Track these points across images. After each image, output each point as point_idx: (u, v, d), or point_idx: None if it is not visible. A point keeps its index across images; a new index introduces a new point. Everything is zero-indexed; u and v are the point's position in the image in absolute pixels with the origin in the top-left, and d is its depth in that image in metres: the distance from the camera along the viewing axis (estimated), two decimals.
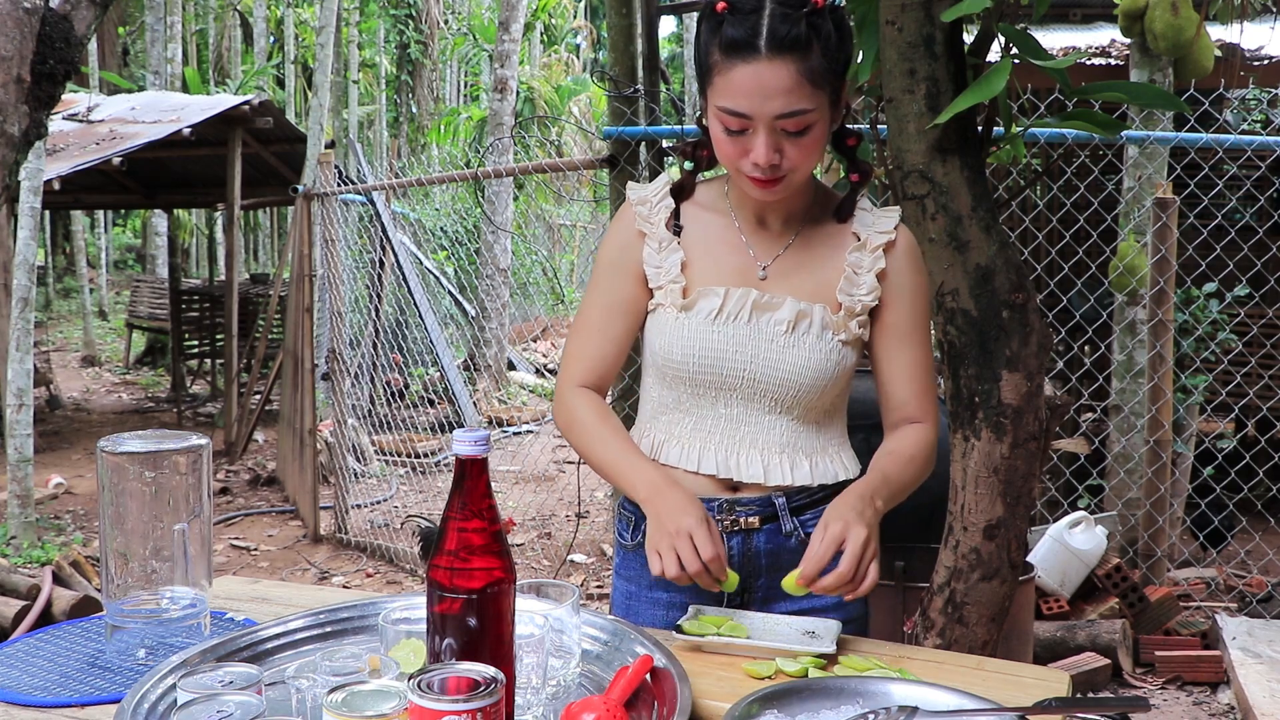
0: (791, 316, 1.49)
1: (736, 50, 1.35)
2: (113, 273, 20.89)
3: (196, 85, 16.35)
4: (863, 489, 1.43)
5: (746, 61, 1.35)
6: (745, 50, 1.34)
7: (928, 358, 1.56)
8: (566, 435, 1.58)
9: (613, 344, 1.57)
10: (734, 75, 1.36)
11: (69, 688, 1.22)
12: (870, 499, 1.42)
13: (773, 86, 1.35)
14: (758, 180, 1.42)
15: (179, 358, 9.92)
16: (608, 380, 1.59)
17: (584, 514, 6.12)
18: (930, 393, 1.56)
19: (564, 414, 1.57)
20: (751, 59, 1.34)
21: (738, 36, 1.35)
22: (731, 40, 1.35)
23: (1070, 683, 1.27)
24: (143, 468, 1.29)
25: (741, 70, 1.35)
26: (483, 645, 1.03)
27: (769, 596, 1.55)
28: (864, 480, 1.46)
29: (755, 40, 1.34)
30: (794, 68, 1.35)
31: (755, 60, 1.34)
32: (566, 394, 1.57)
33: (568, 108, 17.43)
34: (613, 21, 3.71)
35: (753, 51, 1.34)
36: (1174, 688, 3.67)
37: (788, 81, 1.35)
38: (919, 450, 1.53)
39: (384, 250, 7.12)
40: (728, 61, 1.36)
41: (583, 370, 1.57)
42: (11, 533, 5.22)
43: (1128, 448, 4.45)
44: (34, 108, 2.72)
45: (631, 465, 1.48)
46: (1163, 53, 3.98)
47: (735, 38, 1.35)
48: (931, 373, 1.57)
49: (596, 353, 1.57)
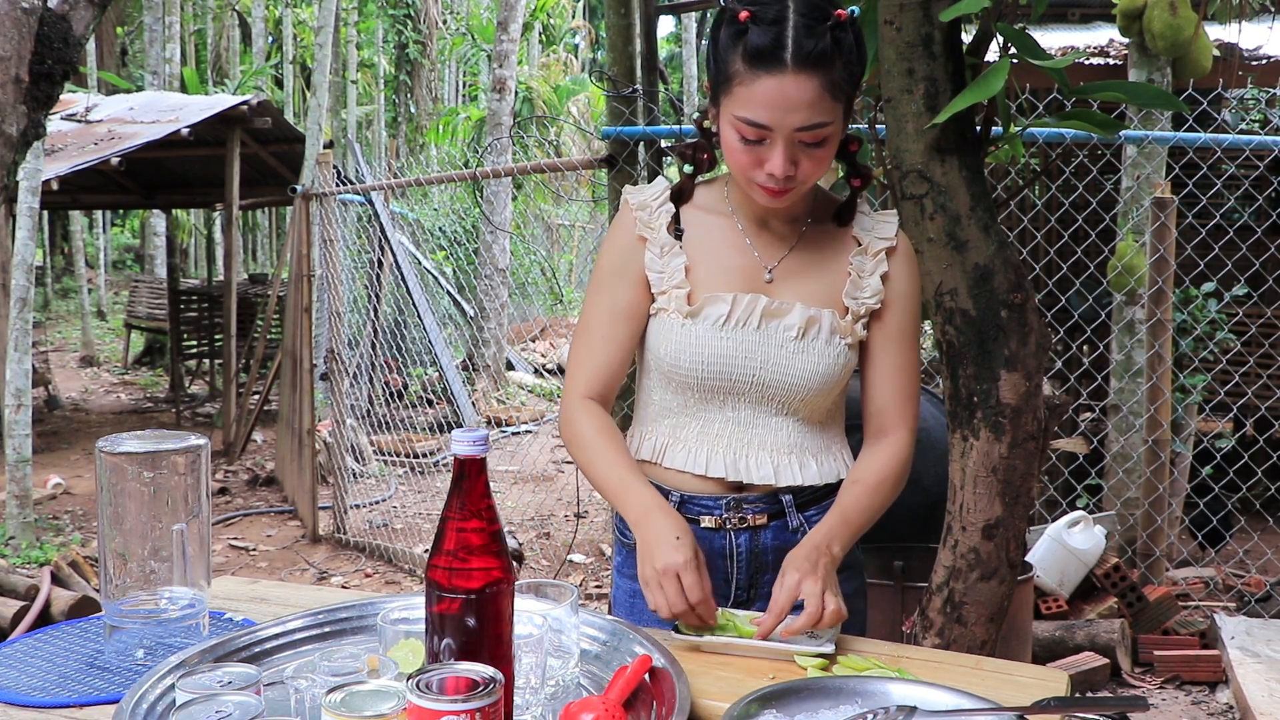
0: (802, 323, 1.49)
1: (761, 62, 1.33)
2: (111, 273, 20.87)
3: (195, 85, 16.36)
4: (819, 539, 1.44)
5: (771, 74, 1.33)
6: (770, 63, 1.33)
7: (914, 363, 1.56)
8: (569, 449, 1.57)
9: (618, 350, 1.55)
10: (758, 87, 1.34)
11: (68, 688, 1.22)
12: (826, 548, 1.42)
13: (797, 100, 1.34)
14: (769, 190, 1.42)
15: (177, 358, 9.92)
16: (612, 387, 1.58)
17: (583, 514, 6.12)
18: (911, 399, 1.56)
19: (568, 428, 1.56)
20: (777, 72, 1.33)
21: (763, 46, 1.33)
22: (757, 51, 1.33)
23: (1069, 682, 1.27)
24: (141, 468, 1.29)
25: (766, 82, 1.34)
26: (481, 645, 1.03)
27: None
28: (821, 527, 1.46)
29: (781, 53, 1.32)
30: (818, 82, 1.33)
31: (781, 73, 1.33)
32: (572, 407, 1.55)
33: (566, 108, 17.44)
34: (611, 21, 3.70)
35: (778, 64, 1.33)
36: (1172, 687, 3.67)
37: (811, 95, 1.34)
38: (890, 472, 1.52)
39: (382, 250, 7.12)
40: (751, 73, 1.34)
41: (589, 380, 1.55)
42: (10, 533, 5.21)
43: (1126, 447, 4.45)
44: (32, 108, 2.72)
45: (626, 486, 1.47)
46: (1161, 52, 3.98)
47: (760, 48, 1.33)
48: (916, 379, 1.57)
49: (602, 360, 1.55)
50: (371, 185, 6.67)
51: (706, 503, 1.53)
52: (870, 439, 1.56)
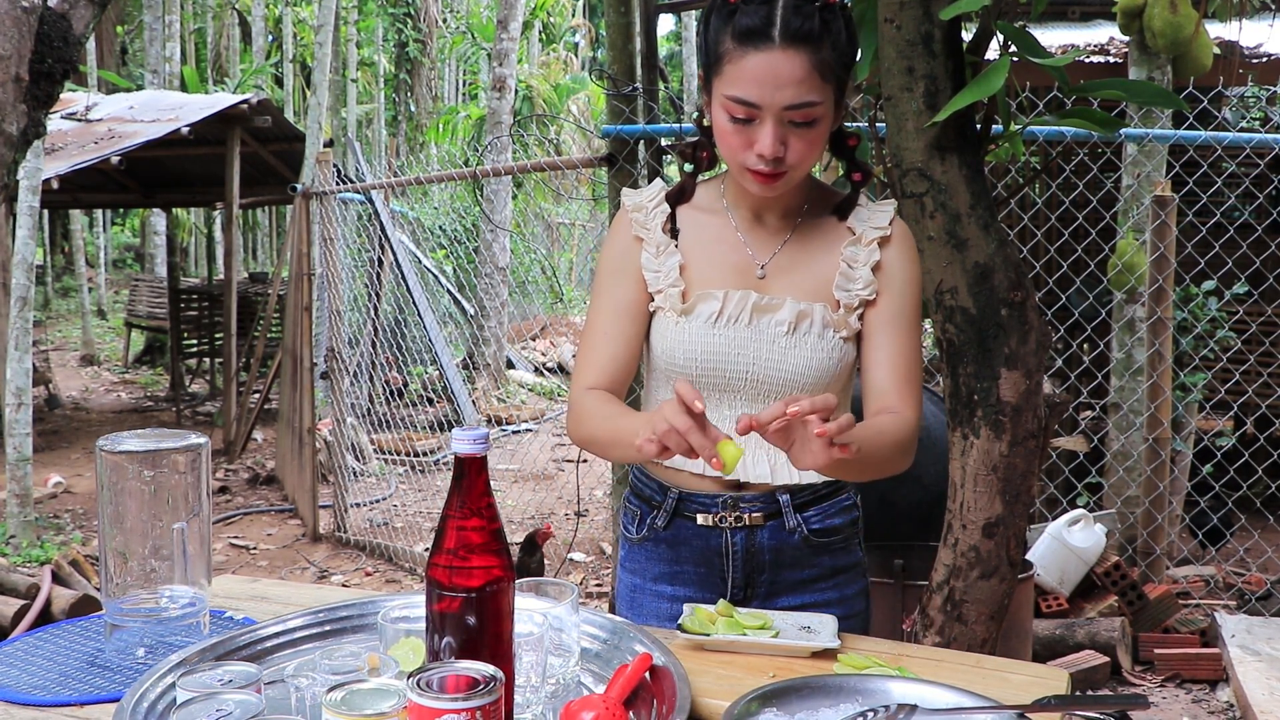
0: (792, 317, 1.48)
1: (750, 39, 1.35)
2: (111, 272, 20.86)
3: (195, 84, 16.35)
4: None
5: (760, 50, 1.35)
6: (759, 39, 1.35)
7: (914, 349, 1.52)
8: (577, 434, 1.52)
9: (624, 345, 1.53)
10: (746, 63, 1.36)
11: (68, 686, 1.22)
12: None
13: (785, 76, 1.35)
14: (759, 174, 1.41)
15: (178, 357, 9.92)
16: (621, 380, 1.53)
17: (583, 512, 6.12)
18: (913, 384, 1.50)
19: (574, 415, 1.53)
20: (765, 48, 1.35)
21: (752, 25, 1.35)
22: (745, 29, 1.36)
23: (1069, 680, 1.27)
24: (142, 467, 1.29)
25: (754, 59, 1.35)
26: (482, 644, 1.03)
27: (772, 592, 1.55)
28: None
29: (769, 29, 1.35)
30: (806, 59, 1.35)
31: (769, 49, 1.35)
32: (576, 396, 1.53)
33: (566, 106, 17.43)
34: (611, 20, 3.70)
35: (766, 40, 1.35)
36: (1173, 685, 3.68)
37: (800, 72, 1.35)
38: (893, 430, 1.44)
39: (383, 249, 7.11)
40: (740, 50, 1.36)
41: (593, 374, 1.52)
42: (10, 532, 5.22)
43: (1126, 445, 4.45)
44: (32, 107, 2.72)
45: (630, 421, 1.41)
46: (1161, 50, 3.98)
47: (749, 26, 1.35)
48: (917, 364, 1.52)
49: (607, 355, 1.53)
50: (371, 184, 6.67)
51: (703, 500, 1.53)
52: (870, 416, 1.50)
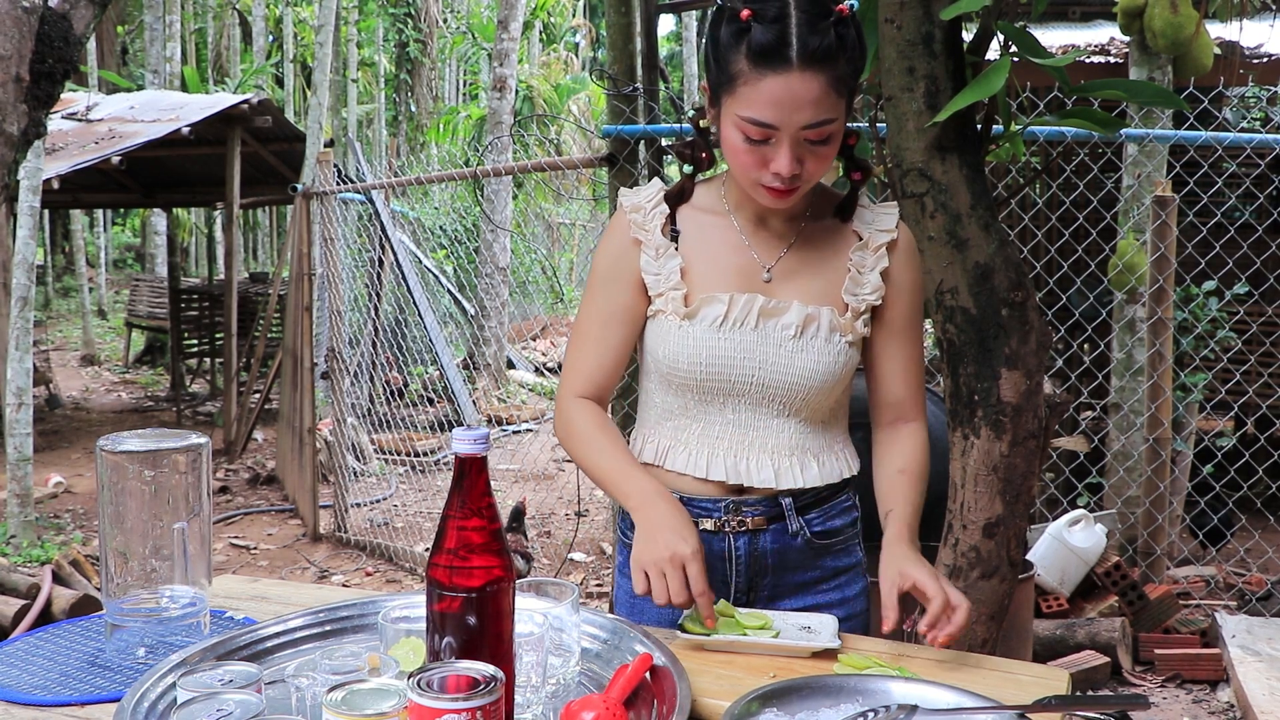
0: (799, 321, 1.48)
1: (766, 60, 1.32)
2: (112, 272, 20.88)
3: (195, 84, 16.34)
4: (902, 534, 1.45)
5: (777, 73, 1.32)
6: (776, 61, 1.31)
7: (920, 355, 1.57)
8: (565, 445, 1.57)
9: (612, 352, 1.55)
10: (763, 86, 1.33)
11: (69, 686, 1.22)
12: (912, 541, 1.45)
13: (803, 98, 1.32)
14: (774, 190, 1.41)
15: (178, 357, 9.92)
16: (607, 389, 1.57)
17: (583, 512, 6.12)
18: (921, 390, 1.57)
19: (563, 425, 1.55)
20: (783, 70, 1.32)
21: (768, 46, 1.31)
22: (761, 49, 1.32)
23: (1070, 680, 1.27)
24: (142, 466, 1.29)
25: (772, 81, 1.32)
26: (482, 644, 1.03)
27: (775, 595, 1.55)
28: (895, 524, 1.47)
29: (786, 51, 1.31)
30: (824, 79, 1.32)
31: (787, 72, 1.32)
32: (565, 405, 1.55)
33: (567, 106, 17.43)
34: (611, 20, 3.70)
35: (784, 63, 1.31)
36: (1173, 686, 3.67)
37: (817, 93, 1.33)
38: (925, 459, 1.56)
39: (383, 249, 7.11)
40: (756, 71, 1.33)
41: (582, 381, 1.55)
42: (11, 532, 5.22)
43: (1127, 446, 4.45)
44: (33, 107, 2.72)
45: (625, 475, 1.47)
46: (1162, 50, 3.98)
47: (765, 46, 1.31)
48: (922, 370, 1.58)
49: (595, 362, 1.55)
50: (372, 184, 6.67)
51: (706, 505, 1.53)
52: (888, 427, 1.57)
